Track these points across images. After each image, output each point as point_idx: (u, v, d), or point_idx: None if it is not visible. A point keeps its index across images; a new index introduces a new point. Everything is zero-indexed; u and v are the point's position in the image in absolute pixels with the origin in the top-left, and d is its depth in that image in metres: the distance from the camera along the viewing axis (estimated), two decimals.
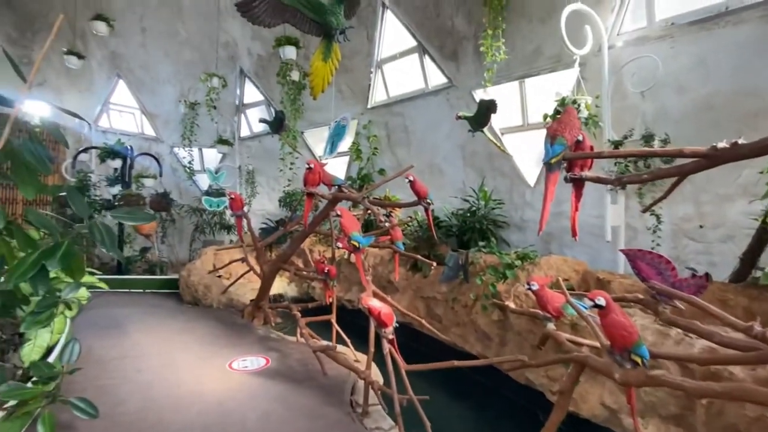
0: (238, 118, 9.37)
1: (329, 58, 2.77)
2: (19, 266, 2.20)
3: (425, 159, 6.78)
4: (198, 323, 5.39)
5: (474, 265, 4.92)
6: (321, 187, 4.01)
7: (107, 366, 3.79)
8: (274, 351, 4.41)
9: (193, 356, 4.21)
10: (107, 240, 2.37)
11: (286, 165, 7.67)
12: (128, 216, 2.64)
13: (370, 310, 2.63)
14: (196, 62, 8.80)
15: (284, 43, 6.38)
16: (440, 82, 6.32)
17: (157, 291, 7.17)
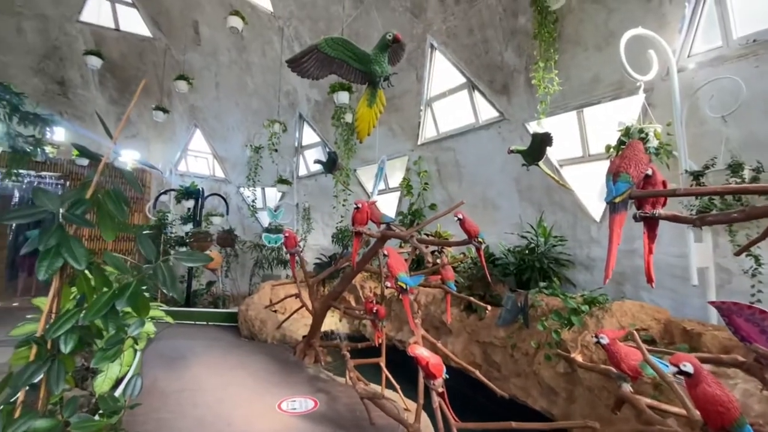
0: (297, 159, 9.96)
1: (374, 104, 2.84)
2: (94, 304, 2.41)
3: (478, 193, 6.59)
4: (252, 358, 5.51)
5: (535, 308, 4.55)
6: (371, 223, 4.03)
7: (168, 399, 3.96)
8: (323, 393, 4.33)
9: (246, 392, 4.27)
10: (168, 281, 2.52)
11: (339, 202, 7.89)
12: (188, 258, 2.81)
13: (418, 359, 2.47)
14: (262, 110, 9.62)
15: (338, 89, 6.77)
16: (491, 116, 6.23)
17: (219, 324, 7.53)
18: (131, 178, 3.07)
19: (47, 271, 2.27)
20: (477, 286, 5.54)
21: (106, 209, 2.61)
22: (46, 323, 2.52)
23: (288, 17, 8.18)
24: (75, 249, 2.37)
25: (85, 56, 7.93)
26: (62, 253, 2.32)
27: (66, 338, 2.37)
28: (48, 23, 8.90)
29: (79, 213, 2.52)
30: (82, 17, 9.01)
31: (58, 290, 2.57)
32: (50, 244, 2.30)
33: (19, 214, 2.33)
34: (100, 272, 2.61)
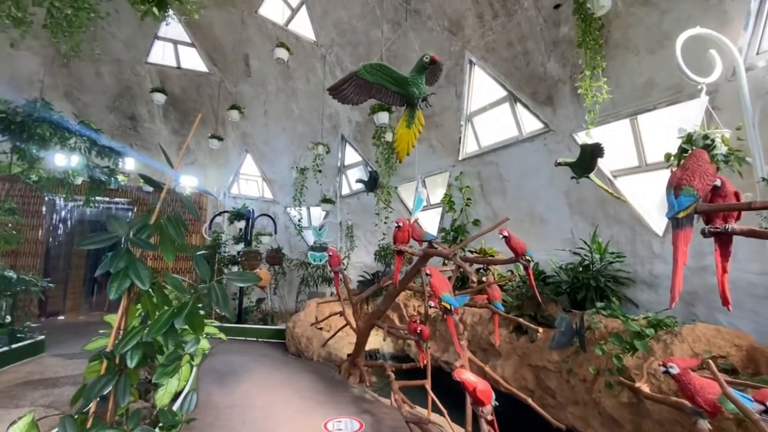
0: (340, 179, 10.23)
1: (412, 124, 2.87)
2: (156, 322, 2.59)
3: (524, 207, 6.36)
4: (299, 376, 5.60)
5: (592, 331, 4.23)
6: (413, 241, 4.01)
7: (220, 414, 4.10)
8: (368, 414, 4.28)
9: (292, 411, 4.32)
10: (221, 301, 2.65)
11: (381, 220, 7.95)
12: (238, 278, 2.96)
13: (465, 385, 2.38)
14: (306, 134, 10.05)
15: (378, 110, 6.92)
16: (536, 128, 6.03)
17: (268, 340, 7.77)
18: (189, 203, 3.31)
19: (117, 291, 2.48)
20: (527, 306, 5.27)
21: (168, 233, 2.82)
22: (115, 339, 2.74)
23: (330, 45, 8.57)
24: (140, 270, 2.58)
25: (152, 93, 8.81)
26: (129, 275, 2.54)
27: (132, 354, 2.56)
28: (121, 66, 10.02)
29: (144, 237, 2.74)
30: (149, 59, 10.05)
31: (126, 308, 2.79)
32: (119, 266, 2.53)
33: (94, 240, 2.59)
34: (161, 292, 2.81)
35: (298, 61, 9.05)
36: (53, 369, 5.55)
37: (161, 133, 11.11)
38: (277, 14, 9.02)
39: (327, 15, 8.23)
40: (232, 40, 9.70)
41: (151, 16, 5.54)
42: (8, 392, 4.58)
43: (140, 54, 9.91)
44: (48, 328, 7.35)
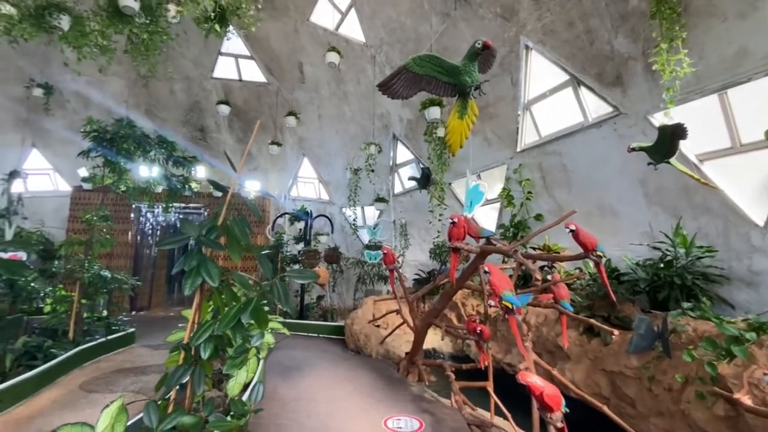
0: (392, 178, 10.25)
1: (465, 115, 2.75)
2: (225, 317, 2.76)
3: (592, 199, 5.87)
4: (358, 372, 5.69)
5: (677, 334, 3.79)
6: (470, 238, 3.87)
7: (286, 406, 4.29)
8: (428, 414, 4.21)
9: (353, 407, 4.39)
10: (283, 297, 2.75)
11: (435, 217, 7.82)
12: (298, 275, 3.06)
13: (531, 389, 2.22)
14: (358, 135, 10.21)
15: (428, 105, 6.81)
16: (603, 112, 5.54)
17: (328, 336, 8.00)
18: (252, 206, 3.49)
19: (190, 288, 2.67)
20: (598, 306, 4.86)
21: (234, 234, 2.99)
22: (190, 332, 2.97)
23: (379, 44, 8.61)
24: (210, 269, 2.76)
25: (218, 105, 9.50)
26: (201, 273, 2.72)
27: (205, 346, 2.74)
28: (191, 83, 10.94)
29: (213, 238, 2.93)
30: (214, 74, 10.87)
31: (199, 304, 3.01)
32: (192, 265, 2.72)
33: (170, 241, 2.82)
34: (229, 289, 2.98)
35: (349, 63, 9.21)
36: (142, 358, 6.19)
37: (227, 142, 11.97)
38: (328, 20, 9.27)
39: (376, 15, 8.27)
40: (286, 50, 10.15)
41: (214, 33, 5.96)
42: (105, 378, 5.19)
43: (206, 70, 10.74)
44: (137, 322, 8.25)
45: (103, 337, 6.29)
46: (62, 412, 4.08)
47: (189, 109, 11.41)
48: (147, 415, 2.46)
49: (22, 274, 3.74)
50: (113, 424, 2.52)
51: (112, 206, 10.68)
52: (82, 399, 4.47)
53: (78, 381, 5.05)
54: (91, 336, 6.24)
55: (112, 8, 5.49)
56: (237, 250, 3.01)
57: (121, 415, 2.60)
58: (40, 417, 3.95)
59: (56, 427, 3.61)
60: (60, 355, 5.19)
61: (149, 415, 2.46)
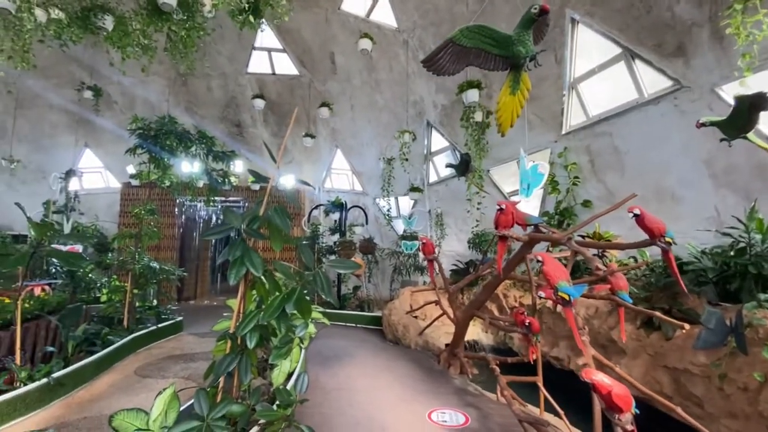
0: (427, 166, 10.03)
1: (518, 90, 2.53)
2: (269, 307, 2.73)
3: (648, 183, 5.41)
4: (398, 363, 5.62)
5: (754, 329, 3.41)
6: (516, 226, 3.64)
7: (328, 395, 4.29)
8: (473, 408, 4.07)
9: (395, 398, 4.32)
10: (325, 287, 2.69)
11: (473, 205, 7.56)
12: (340, 265, 2.99)
13: (597, 387, 2.02)
14: (391, 123, 10.04)
15: (466, 87, 6.53)
16: (662, 87, 5.06)
17: (365, 326, 8.00)
18: (292, 195, 3.46)
19: (235, 277, 2.66)
20: (658, 298, 4.48)
21: (275, 223, 2.95)
22: (236, 322, 2.98)
23: (411, 28, 8.36)
24: (254, 259, 2.74)
25: (253, 100, 9.65)
26: (245, 262, 2.70)
27: (250, 335, 2.73)
28: (227, 79, 11.17)
29: (255, 228, 2.91)
30: (249, 69, 11.02)
31: (243, 294, 3.01)
32: (236, 255, 2.70)
33: (215, 231, 2.82)
34: (272, 278, 2.96)
35: (381, 50, 9.02)
36: (190, 346, 6.45)
37: (263, 136, 12.18)
38: (359, 7, 9.10)
39: None
40: (318, 40, 10.10)
41: (248, 25, 5.97)
42: (157, 365, 5.43)
43: (241, 65, 10.91)
44: (184, 311, 8.63)
45: (154, 326, 6.61)
46: (119, 396, 4.30)
47: (226, 105, 11.68)
48: (198, 403, 2.48)
49: (80, 265, 3.94)
50: (166, 411, 2.57)
51: (158, 201, 11.19)
52: (137, 384, 4.70)
53: (133, 366, 5.33)
54: (143, 324, 6.57)
55: (152, 6, 5.62)
56: (278, 239, 2.98)
57: (173, 401, 2.66)
58: (100, 400, 4.18)
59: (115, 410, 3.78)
60: (116, 341, 5.48)
61: (200, 403, 2.49)
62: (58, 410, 3.91)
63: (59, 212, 9.20)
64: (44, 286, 6.22)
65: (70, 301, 6.64)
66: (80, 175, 11.37)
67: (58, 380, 4.08)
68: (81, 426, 3.56)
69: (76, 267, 3.76)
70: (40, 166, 11.38)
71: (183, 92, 11.34)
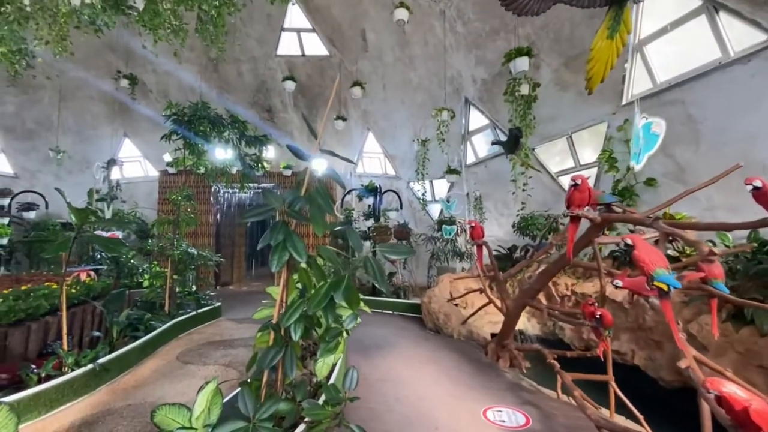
0: (464, 147, 9.49)
1: (616, 32, 2.06)
2: (315, 296, 2.46)
3: (731, 156, 4.67)
4: (442, 354, 5.32)
5: None
6: None
7: (372, 388, 4.05)
8: (532, 406, 3.71)
9: (444, 392, 4.03)
10: (378, 275, 2.38)
11: (519, 187, 7.02)
12: (391, 250, 2.67)
13: (728, 401, 1.61)
14: (426, 102, 9.53)
15: (515, 55, 5.94)
16: (753, 43, 4.32)
17: (403, 313, 7.75)
18: (335, 175, 3.15)
19: (278, 264, 2.39)
20: (746, 288, 3.89)
21: (317, 204, 2.66)
22: (279, 311, 2.74)
23: None
24: (296, 243, 2.46)
25: (284, 82, 9.41)
26: (288, 247, 2.43)
27: (295, 327, 2.48)
28: (257, 63, 10.98)
29: (297, 209, 2.62)
30: (278, 52, 10.77)
31: (286, 281, 2.76)
32: (278, 239, 2.43)
33: (254, 213, 2.55)
34: (317, 266, 2.69)
35: (415, 24, 8.48)
36: (229, 331, 6.42)
37: (293, 121, 12.00)
38: None
39: None
40: (348, 17, 9.67)
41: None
42: (198, 350, 5.40)
43: (270, 48, 10.67)
44: (221, 296, 8.69)
45: (193, 311, 6.63)
46: (163, 382, 4.25)
47: (256, 89, 11.54)
48: (242, 401, 2.27)
49: (119, 250, 3.85)
50: (209, 408, 2.39)
51: (194, 188, 11.32)
52: (179, 370, 4.66)
53: (175, 352, 5.32)
54: (183, 309, 6.60)
55: None
56: (320, 222, 2.70)
57: (216, 397, 2.47)
58: (144, 386, 4.15)
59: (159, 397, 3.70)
60: (158, 327, 5.49)
61: (244, 401, 2.28)
62: (104, 396, 3.89)
63: (102, 200, 9.45)
64: (89, 271, 6.34)
65: (114, 286, 6.76)
66: (120, 164, 11.66)
67: (104, 366, 4.07)
68: (125, 414, 3.50)
69: (115, 252, 3.68)
70: (85, 156, 11.75)
71: (214, 78, 11.28)
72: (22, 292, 4.57)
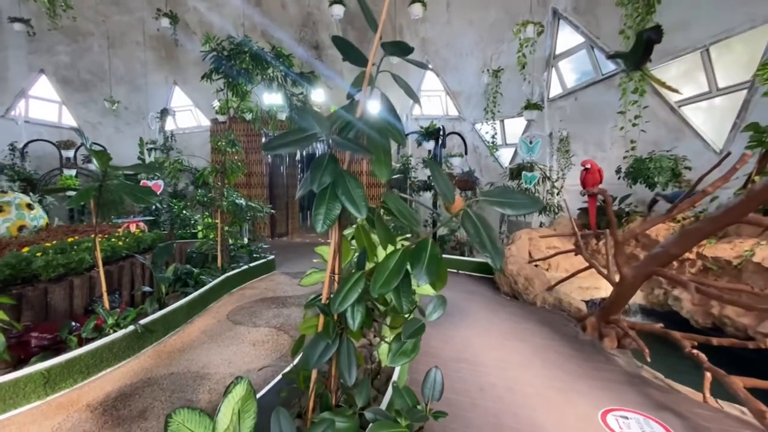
0: (548, 75, 7.79)
1: None
2: (381, 271, 1.56)
3: None
4: (526, 327, 4.40)
5: None
6: None
7: (447, 369, 3.27)
8: (670, 413, 2.71)
9: (540, 382, 3.15)
10: (488, 239, 1.42)
11: (628, 120, 5.47)
12: (506, 201, 1.68)
13: None
14: (501, 22, 7.84)
15: None
16: None
17: (470, 273, 6.86)
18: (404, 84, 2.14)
19: (325, 221, 1.46)
20: None
21: (381, 130, 1.71)
22: (329, 288, 1.94)
23: None
24: (352, 189, 1.49)
25: (331, 7, 8.16)
26: (338, 196, 1.52)
27: (353, 312, 1.64)
28: None
29: (351, 136, 1.68)
30: None
31: (338, 246, 1.90)
32: (324, 182, 1.48)
33: (285, 141, 1.66)
34: (382, 224, 1.78)
35: None
36: (282, 287, 6.00)
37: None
38: None
39: None
40: None
41: None
42: (250, 309, 4.99)
43: None
44: (276, 248, 8.37)
45: (246, 264, 6.28)
46: (209, 346, 3.84)
47: (302, 24, 10.40)
48: (276, 426, 1.55)
49: (149, 200, 3.27)
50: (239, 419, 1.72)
51: (244, 137, 10.88)
52: (228, 331, 4.25)
53: (226, 309, 4.96)
54: (236, 263, 6.27)
55: None
56: (383, 159, 1.76)
57: (248, 402, 1.78)
58: (190, 350, 3.75)
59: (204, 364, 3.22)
60: (208, 282, 5.15)
61: (279, 426, 1.55)
62: (148, 360, 3.54)
63: (153, 149, 9.29)
64: (138, 222, 6.11)
65: (168, 238, 6.57)
66: (173, 114, 11.46)
67: (147, 326, 3.70)
68: (165, 386, 3.08)
69: (144, 202, 3.15)
70: (139, 106, 11.69)
71: (257, 14, 10.27)
72: (68, 244, 4.30)
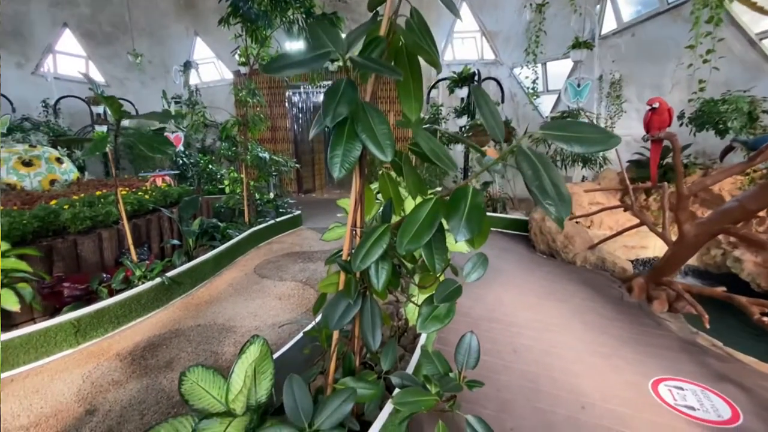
0: (602, 8, 6.81)
1: None
2: (410, 223, 1.29)
3: None
4: (565, 287, 4.11)
5: None
6: None
7: (478, 329, 3.09)
8: (733, 385, 2.42)
9: (582, 346, 2.92)
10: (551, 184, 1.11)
11: (698, 56, 4.69)
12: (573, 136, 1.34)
13: None
14: None
15: None
16: None
17: (503, 231, 6.53)
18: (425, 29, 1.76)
19: (342, 165, 1.15)
20: None
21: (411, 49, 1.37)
22: (350, 243, 1.71)
23: None
24: (375, 125, 1.14)
25: None
26: (358, 134, 1.22)
27: (377, 270, 1.40)
28: None
29: (375, 56, 1.33)
30: None
31: (360, 195, 1.64)
32: (340, 113, 1.18)
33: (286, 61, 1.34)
34: (411, 169, 1.49)
35: None
36: (308, 242, 5.94)
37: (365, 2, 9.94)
38: None
39: None
40: None
41: None
42: (276, 263, 4.96)
43: None
44: (302, 204, 8.30)
45: (272, 219, 6.23)
46: (236, 299, 3.83)
47: None
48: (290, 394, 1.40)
49: (164, 150, 3.11)
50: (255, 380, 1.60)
51: (267, 91, 10.55)
52: (254, 285, 4.23)
53: (253, 263, 4.96)
54: (263, 218, 6.23)
55: None
56: (414, 85, 1.44)
57: (264, 362, 1.65)
58: (217, 302, 3.76)
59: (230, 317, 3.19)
60: (235, 236, 5.13)
61: (292, 393, 1.40)
62: (176, 311, 3.57)
63: (178, 103, 9.17)
64: (165, 176, 6.10)
65: (195, 191, 6.57)
66: (196, 67, 11.19)
67: (174, 279, 3.71)
68: (192, 337, 3.09)
69: (159, 153, 3.00)
70: (162, 59, 11.47)
71: None
72: (96, 198, 4.31)
